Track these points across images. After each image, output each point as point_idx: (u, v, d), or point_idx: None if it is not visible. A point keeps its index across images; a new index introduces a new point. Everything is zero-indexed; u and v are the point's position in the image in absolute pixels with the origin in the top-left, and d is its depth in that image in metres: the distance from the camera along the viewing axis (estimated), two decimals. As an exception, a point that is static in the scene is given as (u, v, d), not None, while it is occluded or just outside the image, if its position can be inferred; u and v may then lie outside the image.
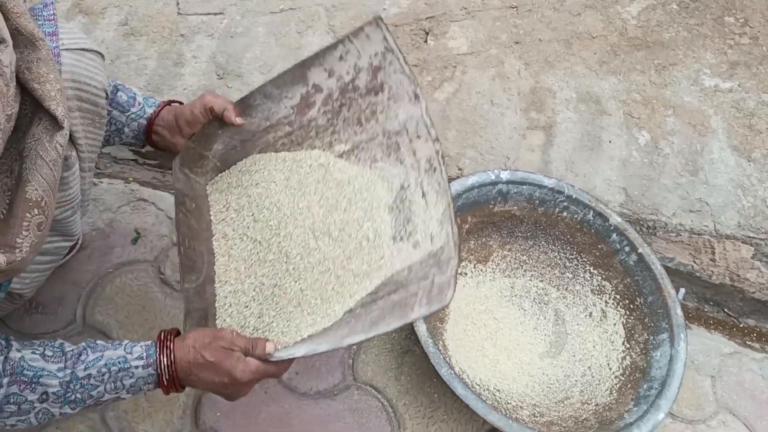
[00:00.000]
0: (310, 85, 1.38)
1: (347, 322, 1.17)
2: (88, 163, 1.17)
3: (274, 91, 1.37)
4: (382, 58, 1.33)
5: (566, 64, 2.01)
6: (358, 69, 1.35)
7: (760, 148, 1.88)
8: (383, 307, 1.15)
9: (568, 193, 1.64)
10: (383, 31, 1.31)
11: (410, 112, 1.32)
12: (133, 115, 1.33)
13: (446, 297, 1.08)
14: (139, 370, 1.04)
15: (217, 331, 1.10)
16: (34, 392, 0.97)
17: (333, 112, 1.39)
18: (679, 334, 1.50)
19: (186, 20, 2.02)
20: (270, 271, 1.29)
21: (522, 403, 1.52)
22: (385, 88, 1.35)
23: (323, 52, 1.35)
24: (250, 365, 1.08)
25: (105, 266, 1.62)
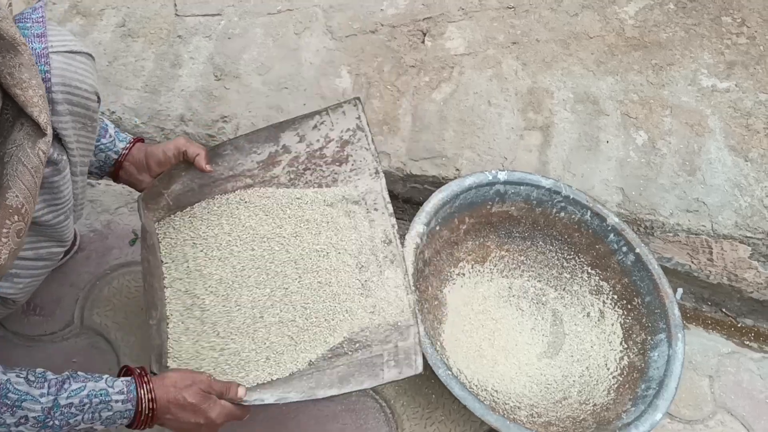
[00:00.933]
0: (280, 145, 1.46)
1: (310, 374, 1.25)
2: (80, 167, 1.16)
3: (245, 145, 1.44)
4: (353, 134, 1.47)
5: (563, 65, 2.01)
6: (328, 139, 1.47)
7: (757, 148, 1.88)
8: (348, 364, 1.25)
9: (566, 194, 1.64)
10: (359, 111, 1.45)
11: (370, 186, 1.46)
12: (102, 146, 1.33)
13: (416, 363, 1.22)
14: (118, 404, 1.07)
15: (195, 373, 1.16)
16: (13, 416, 0.98)
17: (297, 173, 1.48)
18: (676, 334, 1.50)
19: (183, 21, 2.02)
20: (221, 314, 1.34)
21: (520, 404, 1.52)
22: (349, 161, 1.48)
23: (300, 118, 1.45)
24: (225, 408, 1.16)
25: (103, 268, 1.62)
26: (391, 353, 1.25)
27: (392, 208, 1.44)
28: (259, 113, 1.82)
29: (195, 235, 1.42)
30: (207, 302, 1.34)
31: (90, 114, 1.14)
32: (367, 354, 1.27)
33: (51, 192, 1.09)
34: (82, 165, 1.18)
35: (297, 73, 1.92)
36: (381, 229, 1.43)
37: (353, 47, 2.00)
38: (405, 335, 1.28)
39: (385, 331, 1.30)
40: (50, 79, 1.04)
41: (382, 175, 1.47)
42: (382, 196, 1.45)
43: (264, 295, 1.35)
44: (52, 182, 1.08)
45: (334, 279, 1.38)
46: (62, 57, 1.07)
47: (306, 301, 1.35)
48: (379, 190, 1.46)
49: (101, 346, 1.51)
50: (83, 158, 1.17)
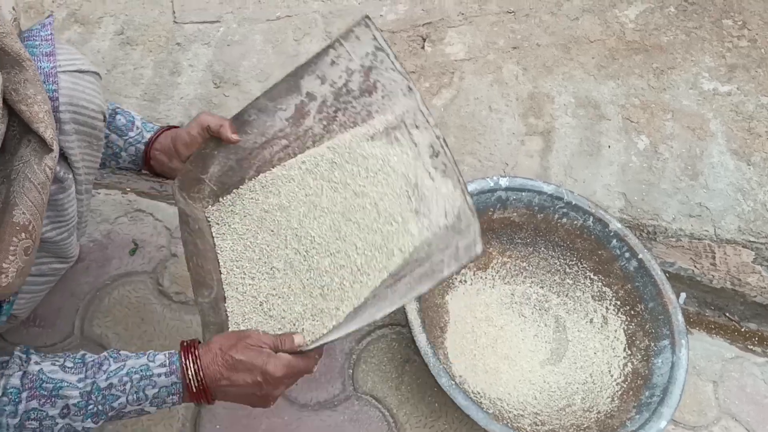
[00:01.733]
0: (303, 94, 1.37)
1: (371, 305, 1.16)
2: (85, 185, 1.15)
3: (268, 104, 1.36)
4: (373, 57, 1.34)
5: (564, 69, 2.01)
6: (350, 72, 1.36)
7: (760, 152, 1.87)
8: (410, 282, 1.15)
9: (568, 199, 1.64)
10: (372, 30, 1.31)
11: (406, 105, 1.33)
12: (131, 140, 1.31)
13: (476, 250, 1.07)
14: (162, 378, 1.01)
15: (241, 332, 1.08)
16: (54, 406, 0.95)
17: (329, 119, 1.39)
18: (680, 340, 1.49)
19: (182, 29, 2.01)
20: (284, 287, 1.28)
21: (523, 412, 1.51)
22: (378, 87, 1.36)
23: (314, 58, 1.34)
24: (282, 359, 1.05)
25: (103, 278, 1.61)
26: (452, 255, 1.14)
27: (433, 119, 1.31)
28: (259, 121, 1.82)
29: (247, 216, 1.37)
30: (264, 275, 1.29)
31: (96, 133, 1.14)
32: (427, 267, 1.16)
33: (56, 209, 1.08)
34: (87, 183, 1.17)
35: (297, 79, 1.91)
36: (426, 143, 1.32)
37: (353, 53, 1.99)
38: (465, 234, 1.15)
39: (445, 240, 1.20)
40: (57, 99, 1.03)
41: (416, 89, 1.33)
42: (420, 111, 1.33)
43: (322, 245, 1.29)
44: (57, 200, 1.07)
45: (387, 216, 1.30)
46: (70, 77, 1.07)
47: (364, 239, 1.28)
48: (416, 105, 1.33)
49: (102, 357, 1.50)
50: (88, 176, 1.17)
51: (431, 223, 1.25)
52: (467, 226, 1.16)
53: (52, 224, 1.09)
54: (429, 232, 1.24)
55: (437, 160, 1.29)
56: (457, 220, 1.20)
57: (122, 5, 2.05)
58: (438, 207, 1.25)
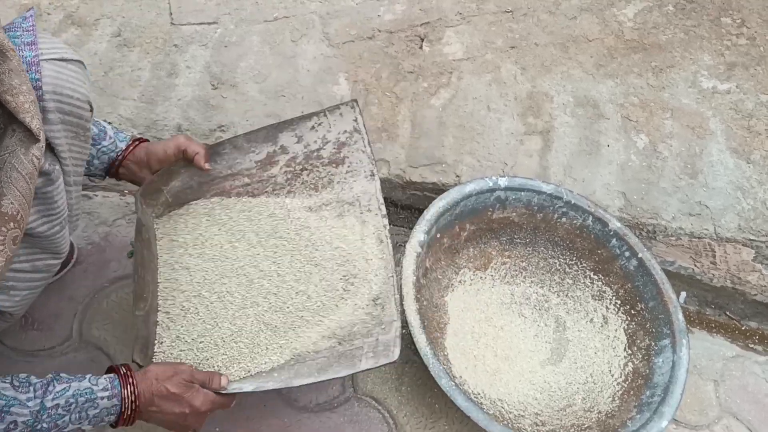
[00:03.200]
0: (278, 145, 1.49)
1: (291, 366, 1.28)
2: (73, 177, 1.15)
3: (244, 144, 1.47)
4: (350, 136, 1.50)
5: (563, 68, 2.00)
6: (325, 141, 1.50)
7: (759, 150, 1.87)
8: (329, 356, 1.29)
9: (567, 199, 1.63)
10: (356, 113, 1.48)
11: (365, 187, 1.51)
12: (104, 149, 1.34)
13: (393, 353, 1.26)
14: (104, 401, 1.08)
15: (176, 364, 1.18)
16: (2, 422, 0.98)
17: (293, 174, 1.51)
18: (681, 339, 1.48)
19: (179, 30, 2.01)
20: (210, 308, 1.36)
21: (524, 412, 1.51)
22: (345, 162, 1.52)
23: (298, 119, 1.48)
24: (209, 396, 1.17)
25: (101, 281, 1.61)
26: (371, 345, 1.30)
27: (385, 209, 1.48)
28: (257, 122, 1.81)
29: (190, 232, 1.44)
30: (197, 297, 1.36)
31: (82, 123, 1.13)
32: (348, 347, 1.31)
33: (45, 203, 1.08)
34: (76, 175, 1.17)
35: (294, 80, 1.91)
36: (373, 229, 1.47)
37: (351, 54, 1.98)
38: (387, 329, 1.32)
39: (367, 326, 1.34)
40: (41, 88, 1.03)
41: (377, 177, 1.51)
42: (376, 198, 1.49)
43: (252, 294, 1.38)
44: (46, 192, 1.07)
45: (319, 278, 1.41)
46: (53, 65, 1.06)
47: (292, 299, 1.38)
48: (374, 191, 1.50)
49: (100, 360, 1.50)
50: (76, 168, 1.17)
51: (356, 305, 1.38)
52: (390, 322, 1.33)
53: (43, 218, 1.09)
54: (354, 314, 1.37)
55: (379, 248, 1.45)
56: (381, 311, 1.36)
57: (119, 7, 2.05)
58: (367, 292, 1.39)
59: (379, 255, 1.43)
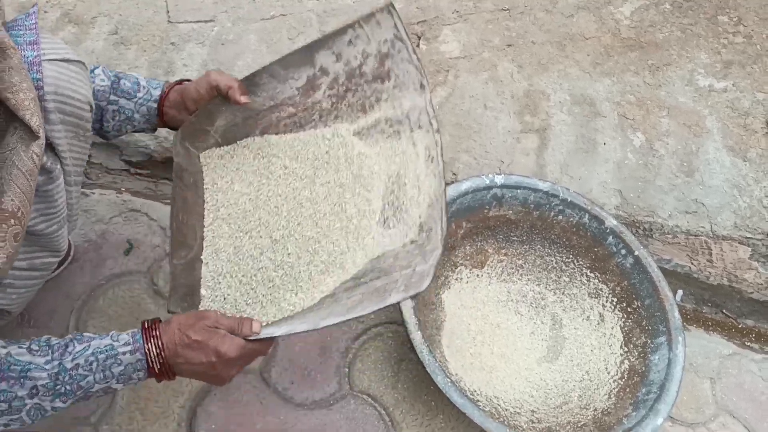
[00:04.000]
0: (317, 67, 1.37)
1: (327, 306, 1.18)
2: (74, 177, 1.15)
3: (280, 71, 1.36)
4: (391, 46, 1.33)
5: (560, 67, 2.00)
6: (366, 55, 1.35)
7: (756, 148, 1.87)
8: (364, 292, 1.16)
9: (564, 197, 1.63)
10: (394, 18, 1.30)
11: (414, 101, 1.32)
12: (141, 100, 1.32)
13: (423, 284, 1.10)
14: (126, 356, 1.03)
15: (201, 312, 1.10)
16: (23, 387, 0.96)
17: (338, 96, 1.39)
18: (677, 337, 1.48)
19: (176, 28, 2.01)
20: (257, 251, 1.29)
21: (520, 410, 1.51)
22: (391, 76, 1.35)
23: (332, 35, 1.34)
24: (236, 341, 1.08)
25: (97, 278, 1.61)
26: (406, 277, 1.16)
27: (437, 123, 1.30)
28: (254, 120, 1.81)
29: (239, 174, 1.38)
30: (247, 239, 1.30)
31: (83, 124, 1.14)
32: (385, 281, 1.18)
33: (45, 201, 1.08)
34: (76, 175, 1.17)
35: (291, 78, 1.91)
36: (424, 146, 1.31)
37: (348, 52, 1.98)
38: (427, 258, 1.17)
39: (408, 256, 1.21)
40: (42, 87, 1.03)
41: (428, 88, 1.33)
42: (426, 112, 1.32)
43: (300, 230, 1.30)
44: (46, 191, 1.07)
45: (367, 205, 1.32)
46: (55, 66, 1.07)
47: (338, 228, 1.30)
48: (424, 105, 1.32)
49: (97, 357, 1.50)
50: (76, 168, 1.17)
51: (402, 234, 1.25)
52: (432, 250, 1.17)
53: (42, 216, 1.09)
54: (398, 243, 1.25)
55: (430, 167, 1.28)
56: (426, 239, 1.21)
57: (116, 5, 2.05)
58: (415, 219, 1.26)
59: (431, 175, 1.28)
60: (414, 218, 1.26)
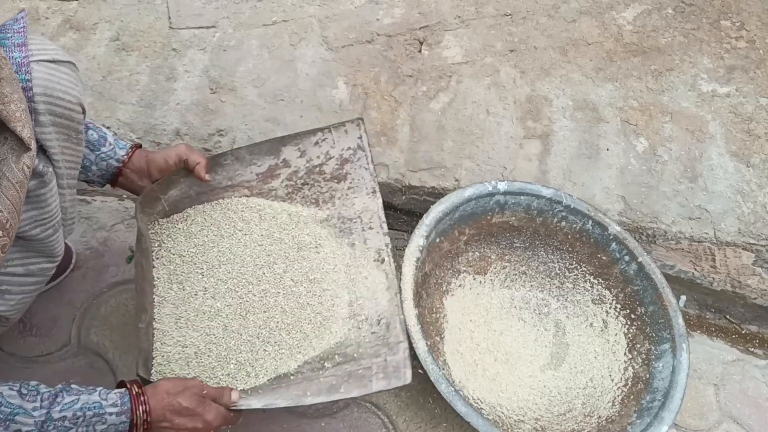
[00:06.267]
0: (280, 158, 1.49)
1: (298, 383, 1.27)
2: (67, 180, 1.15)
3: (246, 156, 1.47)
4: (353, 153, 1.50)
5: (562, 72, 2.00)
6: (328, 156, 1.51)
7: (759, 153, 1.86)
8: (337, 375, 1.26)
9: (567, 203, 1.63)
10: (361, 131, 1.49)
11: (367, 204, 1.50)
12: (103, 155, 1.33)
13: (405, 376, 1.23)
14: (112, 417, 1.06)
15: (186, 379, 1.17)
16: (6, 430, 0.97)
17: (294, 188, 1.51)
18: (681, 344, 1.48)
19: (178, 34, 2.00)
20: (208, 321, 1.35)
21: (523, 417, 1.50)
22: (348, 179, 1.51)
23: (302, 134, 1.48)
24: (220, 411, 1.16)
25: (100, 286, 1.60)
26: (380, 366, 1.27)
27: (387, 227, 1.46)
28: (256, 126, 1.81)
29: (187, 239, 1.43)
30: (195, 308, 1.35)
31: (74, 126, 1.13)
32: (355, 366, 1.28)
33: (38, 206, 1.08)
34: (69, 178, 1.17)
35: (293, 84, 1.91)
36: (375, 248, 1.46)
37: (349, 58, 1.98)
38: (395, 350, 1.30)
39: (374, 346, 1.32)
40: (31, 89, 1.02)
41: (380, 195, 1.49)
42: (378, 216, 1.48)
43: (251, 302, 1.37)
44: (39, 195, 1.07)
45: (321, 292, 1.40)
46: (44, 67, 1.06)
47: (293, 310, 1.37)
48: (376, 209, 1.49)
49: (99, 366, 1.49)
50: (69, 170, 1.16)
51: (360, 325, 1.37)
52: (396, 343, 1.31)
53: (36, 222, 1.08)
54: (358, 333, 1.36)
55: (381, 267, 1.43)
56: (387, 331, 1.34)
57: (117, 11, 2.05)
58: (370, 312, 1.39)
59: (382, 275, 1.42)
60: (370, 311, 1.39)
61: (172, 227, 1.44)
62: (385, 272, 1.42)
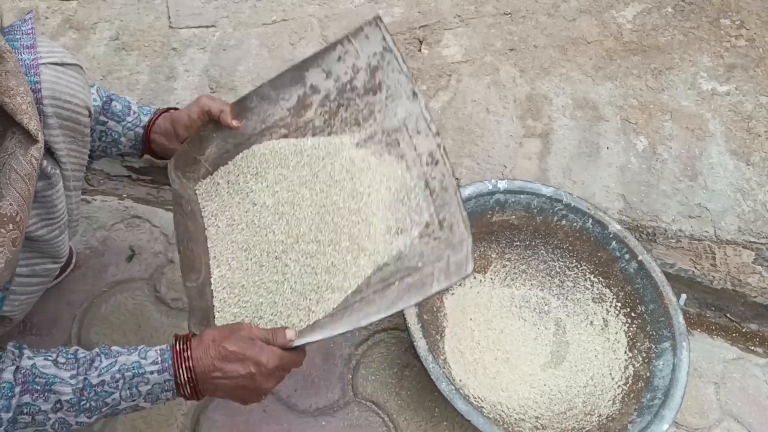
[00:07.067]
0: (307, 86, 1.37)
1: (358, 309, 1.16)
2: (73, 182, 1.15)
3: (271, 93, 1.36)
4: (381, 57, 1.33)
5: (562, 71, 2.00)
6: (356, 69, 1.35)
7: (759, 152, 1.86)
8: (398, 290, 1.14)
9: (567, 201, 1.63)
10: (382, 31, 1.31)
11: (409, 109, 1.32)
12: (129, 125, 1.31)
13: (467, 269, 1.08)
14: (154, 375, 1.00)
15: (233, 325, 1.08)
16: (47, 401, 0.95)
17: (330, 113, 1.38)
18: (681, 342, 1.48)
19: (178, 34, 2.00)
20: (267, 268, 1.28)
21: (524, 416, 1.50)
22: (383, 88, 1.35)
23: (322, 53, 1.34)
24: (275, 351, 1.06)
25: (99, 285, 1.60)
26: (441, 269, 1.14)
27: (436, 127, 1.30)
28: (256, 125, 1.81)
29: (235, 194, 1.36)
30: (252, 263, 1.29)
31: (81, 129, 1.13)
32: (417, 277, 1.16)
33: (45, 207, 1.08)
34: (75, 180, 1.17)
35: (293, 83, 1.91)
36: (426, 151, 1.30)
37: (349, 57, 1.98)
38: (458, 249, 1.15)
39: (436, 251, 1.19)
40: (40, 91, 1.02)
41: (421, 95, 1.32)
42: (423, 117, 1.31)
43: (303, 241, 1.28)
44: (46, 196, 1.07)
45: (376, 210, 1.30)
46: (52, 70, 1.06)
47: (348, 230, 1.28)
48: (419, 111, 1.32)
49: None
50: (76, 173, 1.16)
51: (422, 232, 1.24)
52: (460, 242, 1.16)
53: (43, 221, 1.08)
54: (419, 242, 1.23)
55: (435, 169, 1.27)
56: (450, 233, 1.20)
57: (117, 11, 2.05)
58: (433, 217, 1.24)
59: (439, 177, 1.26)
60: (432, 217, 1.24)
61: (214, 186, 1.38)
62: (441, 173, 1.26)
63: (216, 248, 1.31)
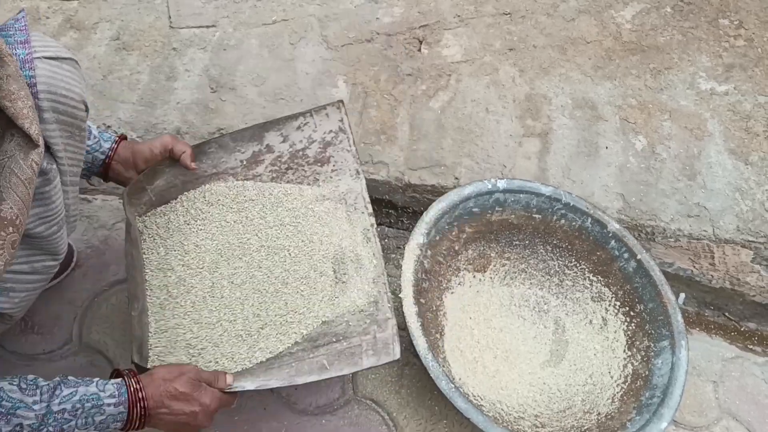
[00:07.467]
0: (264, 144, 1.52)
1: (290, 364, 1.29)
2: (70, 177, 1.15)
3: (230, 143, 1.50)
4: (335, 136, 1.53)
5: (561, 70, 2.00)
6: (311, 140, 1.53)
7: (758, 151, 1.87)
8: (327, 354, 1.29)
9: (566, 201, 1.63)
10: (342, 114, 1.52)
11: (350, 186, 1.53)
12: (88, 148, 1.34)
13: (394, 351, 1.28)
14: (110, 408, 1.08)
15: (181, 365, 1.19)
16: (8, 424, 0.98)
17: (279, 172, 1.54)
18: (680, 341, 1.48)
19: (178, 34, 2.01)
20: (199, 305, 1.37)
21: (523, 414, 1.51)
22: (331, 162, 1.54)
23: (284, 119, 1.51)
24: (216, 394, 1.19)
25: (101, 284, 1.61)
26: (369, 343, 1.30)
27: (371, 208, 1.49)
28: (256, 125, 1.81)
29: (175, 228, 1.45)
30: (185, 294, 1.37)
31: (78, 123, 1.14)
32: (345, 345, 1.31)
33: (42, 203, 1.08)
34: (72, 175, 1.17)
35: (293, 83, 1.91)
36: (360, 227, 1.48)
37: (349, 57, 1.99)
38: (383, 327, 1.33)
39: (362, 324, 1.35)
40: (36, 85, 1.03)
41: (363, 176, 1.52)
42: (362, 196, 1.51)
43: (242, 288, 1.39)
44: (43, 192, 1.07)
45: (310, 271, 1.42)
46: (47, 64, 1.07)
47: (282, 291, 1.40)
48: (360, 190, 1.52)
49: (100, 363, 1.50)
50: (73, 168, 1.17)
51: (350, 302, 1.40)
52: (385, 320, 1.34)
53: (40, 219, 1.09)
54: (347, 310, 1.39)
55: (367, 246, 1.46)
56: (375, 309, 1.37)
57: (118, 11, 2.05)
58: (358, 290, 1.41)
59: (369, 253, 1.45)
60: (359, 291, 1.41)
61: (159, 216, 1.46)
62: (372, 252, 1.45)
63: (150, 278, 1.40)
